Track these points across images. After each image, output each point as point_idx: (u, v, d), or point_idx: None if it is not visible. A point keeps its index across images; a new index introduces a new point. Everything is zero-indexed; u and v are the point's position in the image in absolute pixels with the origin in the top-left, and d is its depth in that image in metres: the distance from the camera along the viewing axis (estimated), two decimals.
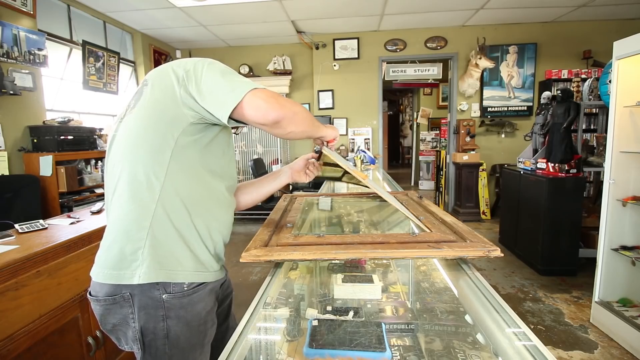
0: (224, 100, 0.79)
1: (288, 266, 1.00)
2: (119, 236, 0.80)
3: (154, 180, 0.80)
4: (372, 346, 0.88)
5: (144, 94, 0.85)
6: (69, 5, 3.59)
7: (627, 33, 2.09)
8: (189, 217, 0.83)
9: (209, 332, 0.91)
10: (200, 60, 0.87)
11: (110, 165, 0.85)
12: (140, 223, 0.79)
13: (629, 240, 2.23)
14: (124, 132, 0.84)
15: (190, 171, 0.84)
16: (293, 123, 0.84)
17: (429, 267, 1.27)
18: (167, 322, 0.81)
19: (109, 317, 0.83)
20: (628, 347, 2.00)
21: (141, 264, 0.78)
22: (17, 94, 2.72)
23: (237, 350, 0.58)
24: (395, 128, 11.76)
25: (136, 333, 0.82)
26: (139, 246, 0.78)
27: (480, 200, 4.93)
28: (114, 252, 0.80)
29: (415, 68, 5.36)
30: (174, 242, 0.81)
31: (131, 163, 0.81)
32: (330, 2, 3.98)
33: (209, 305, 0.89)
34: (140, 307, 0.80)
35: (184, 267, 0.82)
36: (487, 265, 3.27)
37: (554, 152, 3.03)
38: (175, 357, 0.84)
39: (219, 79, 0.82)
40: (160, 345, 0.82)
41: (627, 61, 2.09)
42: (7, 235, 1.45)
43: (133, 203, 0.80)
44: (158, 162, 0.80)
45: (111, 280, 0.79)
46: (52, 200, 2.76)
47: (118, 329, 0.85)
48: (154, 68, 0.93)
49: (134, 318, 0.81)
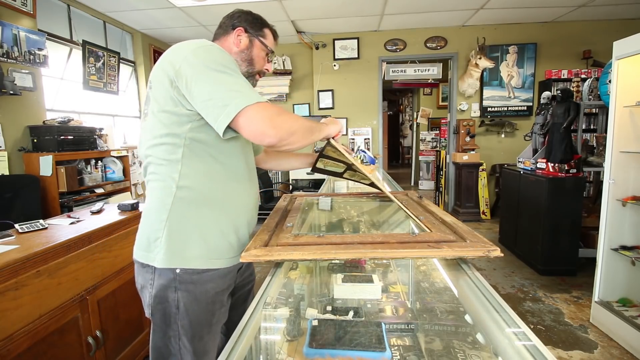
0: (216, 115, 0.82)
1: (288, 266, 1.01)
2: (144, 225, 0.95)
3: (169, 179, 0.90)
4: (372, 346, 0.88)
5: (151, 100, 0.93)
6: (69, 5, 3.58)
7: (627, 33, 2.09)
8: (203, 211, 0.92)
9: (217, 313, 0.98)
10: (190, 52, 0.86)
11: (142, 164, 1.00)
12: (159, 216, 0.91)
13: (629, 240, 2.23)
14: (144, 135, 0.95)
15: (202, 166, 0.92)
16: (290, 144, 0.88)
17: (429, 267, 1.27)
18: (178, 293, 0.91)
19: (139, 278, 0.98)
20: (628, 347, 2.00)
21: (160, 251, 0.90)
22: (17, 94, 2.71)
23: (237, 350, 0.58)
24: (395, 128, 11.76)
25: (150, 299, 0.93)
26: (158, 236, 0.91)
27: (480, 200, 4.93)
28: (142, 237, 0.95)
29: (415, 68, 5.36)
30: (188, 232, 0.91)
31: (151, 164, 0.94)
32: (330, 2, 3.98)
33: (219, 286, 0.96)
34: (159, 276, 0.92)
35: (197, 255, 0.91)
36: (487, 265, 3.27)
37: (553, 152, 3.03)
38: (184, 328, 0.93)
39: (210, 85, 0.82)
40: (173, 315, 0.92)
41: (627, 61, 2.09)
42: (7, 235, 1.45)
43: (154, 198, 0.93)
44: (172, 162, 0.90)
45: (140, 259, 0.95)
46: (52, 200, 2.76)
47: (143, 290, 0.97)
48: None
49: (152, 284, 0.93)
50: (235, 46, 1.07)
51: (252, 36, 1.07)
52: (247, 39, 1.07)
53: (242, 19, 1.08)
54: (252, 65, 1.08)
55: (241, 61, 1.07)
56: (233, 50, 1.07)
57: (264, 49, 1.10)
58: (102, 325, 1.59)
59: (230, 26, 1.08)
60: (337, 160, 1.21)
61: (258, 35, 1.08)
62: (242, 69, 1.07)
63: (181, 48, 0.89)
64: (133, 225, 1.86)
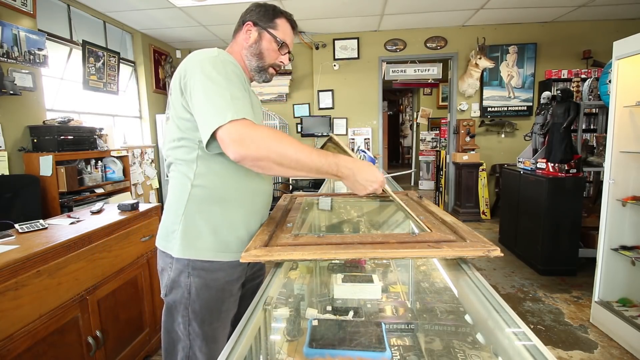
0: (201, 131, 0.87)
1: (288, 266, 1.01)
2: (165, 218, 1.03)
3: (185, 177, 0.97)
4: (372, 346, 0.88)
5: (170, 105, 0.99)
6: (69, 5, 3.59)
7: (627, 33, 2.09)
8: (214, 208, 0.97)
9: (226, 302, 1.02)
10: (197, 63, 0.90)
11: (165, 162, 1.08)
12: (176, 211, 0.98)
13: (629, 240, 2.23)
14: (166, 137, 1.03)
15: (216, 167, 0.97)
16: (260, 168, 0.86)
17: (429, 267, 1.27)
18: (190, 278, 0.97)
19: (160, 261, 1.04)
20: (628, 347, 2.00)
21: (176, 242, 0.97)
22: (17, 94, 2.71)
23: (237, 350, 0.58)
24: (395, 128, 11.76)
25: (169, 280, 0.99)
26: (175, 229, 0.98)
27: (480, 200, 4.93)
28: (163, 228, 1.03)
29: (415, 68, 5.36)
30: (200, 227, 0.97)
31: (172, 163, 1.02)
32: (330, 2, 3.98)
33: (229, 276, 1.01)
34: (176, 261, 0.98)
35: (207, 248, 0.97)
36: (487, 265, 3.27)
37: (553, 152, 3.03)
38: (194, 313, 0.98)
39: (201, 101, 0.86)
40: (185, 299, 0.98)
41: (627, 61, 2.09)
42: (7, 235, 1.45)
43: (173, 194, 1.01)
44: (188, 163, 0.97)
45: (161, 247, 1.03)
46: (52, 200, 2.76)
47: (162, 272, 1.03)
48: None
49: (171, 267, 0.99)
50: (245, 41, 1.07)
51: (261, 29, 1.06)
52: (256, 33, 1.06)
53: (253, 12, 1.07)
54: (262, 59, 1.07)
55: (251, 56, 1.07)
56: (244, 46, 1.07)
57: (275, 41, 1.07)
58: (102, 325, 1.59)
59: (241, 21, 1.08)
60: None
61: (267, 28, 1.06)
62: (253, 63, 1.07)
63: (191, 58, 0.93)
64: (133, 225, 1.86)
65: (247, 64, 1.09)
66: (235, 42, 1.10)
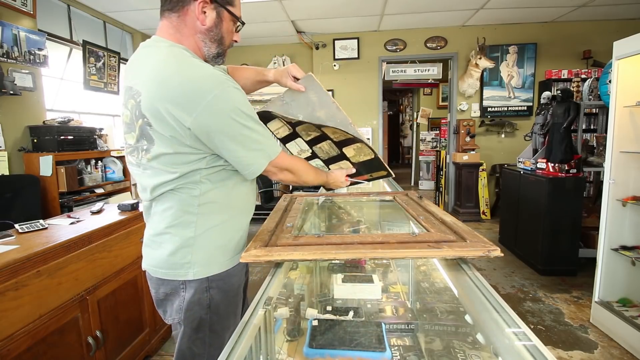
0: (241, 170, 0.91)
1: (288, 266, 1.00)
2: (165, 249, 0.93)
3: (187, 204, 0.90)
4: (372, 346, 0.88)
5: (154, 140, 0.94)
6: (69, 5, 3.58)
7: (627, 33, 2.09)
8: (225, 217, 0.95)
9: (239, 303, 1.03)
10: (211, 99, 0.78)
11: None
12: (183, 237, 0.91)
13: (629, 240, 2.23)
14: (146, 183, 0.94)
15: (216, 179, 0.92)
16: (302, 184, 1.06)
17: (429, 267, 1.27)
18: (210, 292, 0.93)
19: (162, 287, 0.95)
20: (628, 347, 2.00)
21: (191, 268, 0.91)
22: (17, 94, 2.71)
23: (237, 350, 0.58)
24: (395, 128, 11.76)
25: (182, 303, 0.93)
26: (186, 256, 0.91)
27: (480, 200, 4.93)
28: (163, 260, 0.94)
29: (415, 68, 5.35)
30: (217, 241, 0.94)
31: (159, 196, 0.93)
32: (330, 2, 3.98)
33: (241, 279, 1.02)
34: (192, 282, 0.92)
35: (223, 261, 0.95)
36: (487, 265, 3.27)
37: (554, 152, 3.03)
38: (215, 324, 0.96)
39: (234, 143, 0.85)
40: (204, 315, 0.94)
41: (627, 61, 2.09)
42: (7, 235, 1.45)
43: (170, 224, 0.91)
44: (189, 190, 0.89)
45: (165, 277, 0.94)
46: (52, 200, 2.76)
47: (169, 298, 0.95)
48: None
49: (184, 290, 0.93)
50: (201, 23, 0.86)
51: (219, 7, 0.87)
52: (213, 12, 0.87)
53: None
54: (222, 44, 0.92)
55: (210, 42, 0.89)
56: (199, 29, 0.87)
57: (235, 20, 0.92)
58: (102, 325, 1.59)
59: None
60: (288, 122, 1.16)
61: (226, 4, 0.88)
62: (212, 50, 0.91)
63: (195, 91, 0.78)
64: (133, 225, 1.86)
65: (204, 52, 0.90)
66: (182, 24, 0.86)
